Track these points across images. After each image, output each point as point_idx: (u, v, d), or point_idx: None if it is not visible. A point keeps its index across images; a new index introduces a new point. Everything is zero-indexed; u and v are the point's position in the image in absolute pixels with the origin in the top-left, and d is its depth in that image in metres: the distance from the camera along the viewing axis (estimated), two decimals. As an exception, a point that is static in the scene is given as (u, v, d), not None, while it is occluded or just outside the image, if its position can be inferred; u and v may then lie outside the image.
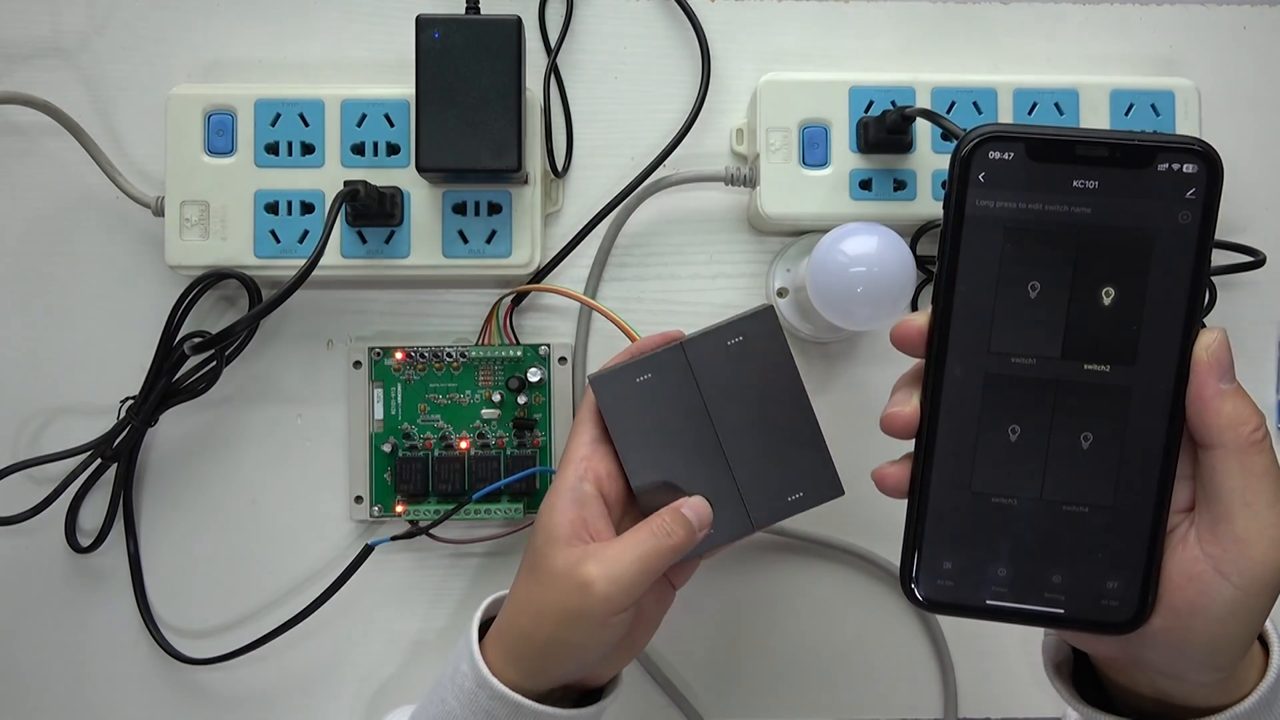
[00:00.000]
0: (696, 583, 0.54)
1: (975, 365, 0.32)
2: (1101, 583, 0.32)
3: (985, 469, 0.32)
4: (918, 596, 0.33)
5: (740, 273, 0.56)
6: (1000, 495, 0.32)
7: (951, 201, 0.32)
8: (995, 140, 0.31)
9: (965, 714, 0.56)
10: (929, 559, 0.33)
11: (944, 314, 0.32)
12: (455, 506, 0.52)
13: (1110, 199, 0.31)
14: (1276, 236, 0.56)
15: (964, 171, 0.31)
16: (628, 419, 0.43)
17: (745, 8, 0.56)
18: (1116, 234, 0.31)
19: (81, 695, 0.55)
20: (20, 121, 0.54)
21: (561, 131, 0.56)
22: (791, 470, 0.44)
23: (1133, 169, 0.31)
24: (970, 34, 0.57)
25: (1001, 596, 0.33)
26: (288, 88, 0.52)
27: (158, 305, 0.53)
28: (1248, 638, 0.31)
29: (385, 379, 0.53)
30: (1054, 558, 0.32)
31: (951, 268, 0.32)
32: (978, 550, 0.32)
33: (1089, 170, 0.31)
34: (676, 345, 0.43)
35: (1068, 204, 0.31)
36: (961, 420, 0.32)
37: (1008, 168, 0.31)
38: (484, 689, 0.40)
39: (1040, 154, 0.31)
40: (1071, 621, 0.32)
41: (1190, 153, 0.31)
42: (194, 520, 0.55)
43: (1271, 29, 0.57)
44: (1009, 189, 0.31)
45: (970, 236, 0.31)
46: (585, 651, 0.40)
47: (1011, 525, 0.32)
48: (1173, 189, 0.31)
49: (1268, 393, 0.56)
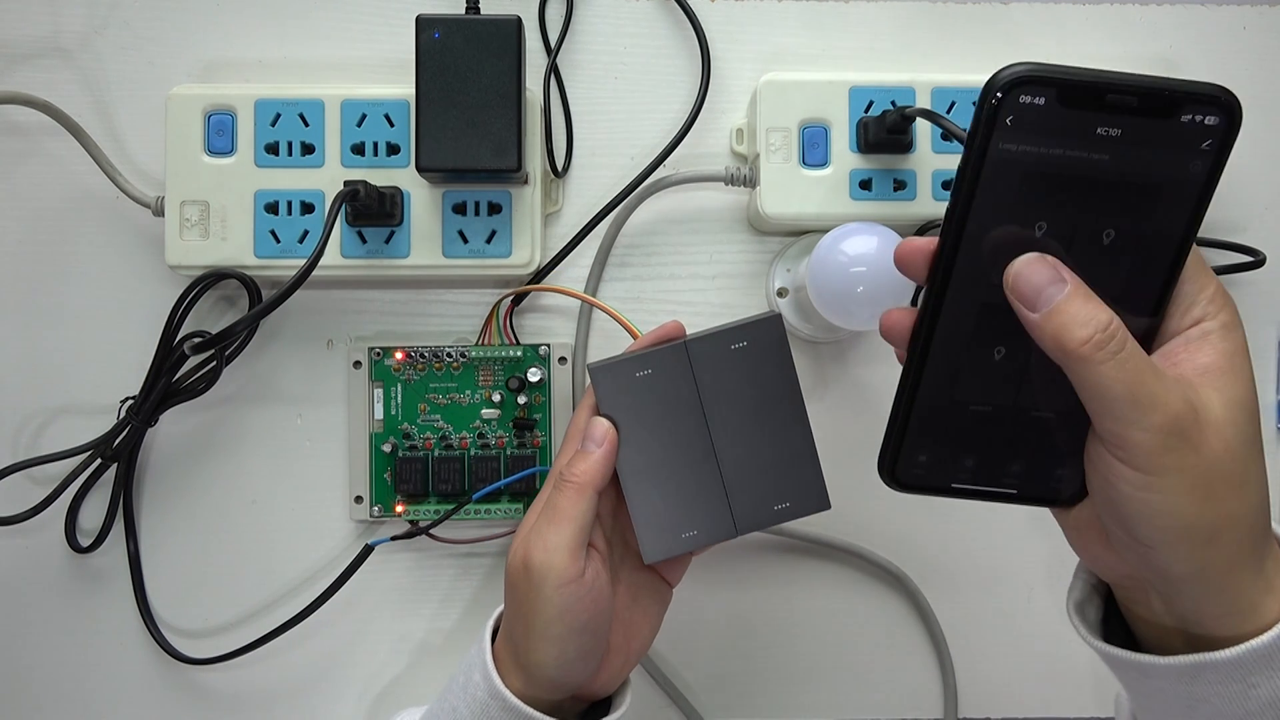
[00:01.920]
0: (696, 583, 0.54)
1: (974, 294, 0.33)
2: (1053, 469, 0.35)
3: (968, 382, 0.34)
4: (893, 479, 0.36)
5: (740, 273, 0.56)
6: (978, 404, 0.35)
7: (975, 140, 0.32)
8: (1028, 83, 0.31)
9: (965, 714, 0.56)
10: (908, 451, 0.35)
11: (952, 246, 0.33)
12: (455, 506, 0.52)
13: (1129, 146, 0.31)
14: (1276, 236, 0.56)
15: (992, 113, 0.31)
16: (623, 411, 0.43)
17: (745, 8, 0.56)
18: (1128, 180, 0.32)
19: (81, 695, 0.55)
20: (20, 121, 0.54)
21: (561, 131, 0.56)
22: (781, 479, 0.44)
23: (1158, 118, 0.31)
24: (970, 34, 0.57)
25: (965, 481, 0.36)
26: (288, 88, 0.52)
27: (158, 305, 0.53)
28: (1179, 510, 0.31)
29: (385, 379, 0.53)
30: (1017, 452, 0.35)
31: (966, 203, 0.32)
32: (952, 446, 0.35)
33: (1114, 118, 0.31)
34: (680, 344, 0.43)
35: (1087, 150, 0.32)
36: (954, 340, 0.34)
37: (1036, 112, 0.31)
38: (496, 700, 0.40)
39: (1071, 100, 0.31)
40: (1021, 498, 0.35)
41: (1216, 103, 0.31)
42: (194, 520, 0.55)
43: (1271, 29, 0.57)
44: (1034, 134, 0.32)
45: (989, 175, 0.32)
46: (558, 640, 0.40)
47: (984, 427, 0.35)
48: (1191, 139, 0.31)
49: (1268, 393, 0.56)
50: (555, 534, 0.40)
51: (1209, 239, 0.55)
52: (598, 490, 0.41)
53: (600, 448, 0.42)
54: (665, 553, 0.43)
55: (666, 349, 0.43)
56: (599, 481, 0.41)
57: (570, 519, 0.40)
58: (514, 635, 0.41)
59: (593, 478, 0.41)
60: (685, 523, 0.43)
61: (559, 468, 0.42)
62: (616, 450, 0.42)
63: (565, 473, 0.41)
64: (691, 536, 0.43)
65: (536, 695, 0.41)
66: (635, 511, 0.43)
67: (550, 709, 0.41)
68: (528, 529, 0.41)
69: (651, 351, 0.43)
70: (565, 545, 0.40)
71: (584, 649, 0.41)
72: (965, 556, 0.56)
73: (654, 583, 0.45)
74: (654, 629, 0.45)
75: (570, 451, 0.42)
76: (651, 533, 0.43)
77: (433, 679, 0.55)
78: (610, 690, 0.44)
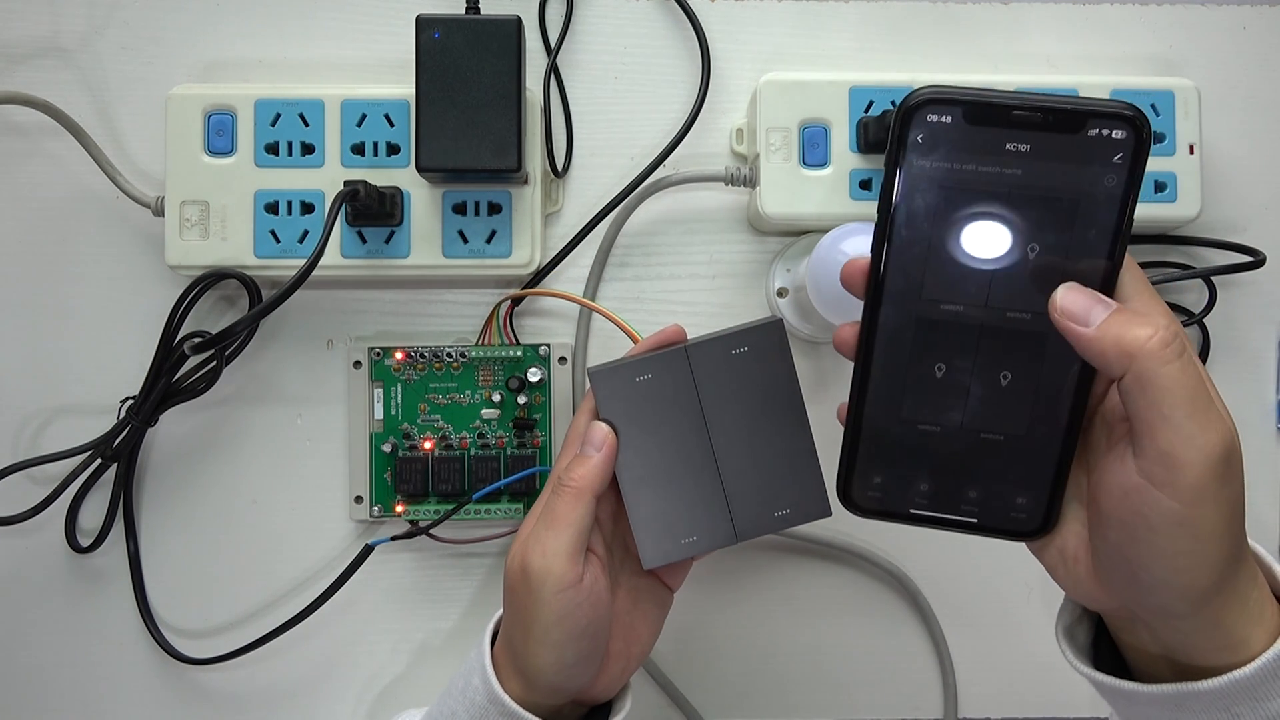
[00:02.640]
0: (697, 583, 0.54)
1: (908, 310, 0.34)
2: (1012, 498, 0.35)
3: (914, 400, 0.35)
4: (852, 503, 0.36)
5: (740, 273, 0.56)
6: (926, 424, 0.35)
7: (891, 159, 0.33)
8: (933, 104, 0.33)
9: (965, 714, 0.56)
10: (861, 474, 0.36)
11: (881, 263, 0.34)
12: (455, 506, 0.52)
13: (1040, 162, 0.33)
14: (1276, 236, 0.56)
15: (902, 132, 0.33)
16: (623, 415, 0.43)
17: (745, 8, 0.56)
18: (1044, 194, 0.33)
19: (81, 695, 0.55)
20: (20, 121, 0.54)
21: (561, 131, 0.56)
22: (782, 485, 0.44)
23: (1064, 133, 0.32)
24: (970, 34, 0.57)
25: (924, 507, 0.36)
26: (288, 88, 0.52)
27: (158, 305, 0.53)
28: (1201, 553, 0.31)
29: (385, 379, 0.53)
30: (971, 476, 0.35)
31: (890, 221, 0.34)
32: (904, 468, 0.36)
33: (1022, 134, 0.32)
34: (680, 348, 0.43)
35: (1000, 166, 0.33)
36: (894, 357, 0.35)
37: (945, 130, 0.33)
38: (495, 704, 0.40)
39: (977, 118, 0.33)
40: (984, 529, 0.36)
41: (1119, 118, 0.32)
42: (194, 520, 0.55)
43: (1271, 29, 0.57)
44: (944, 150, 0.33)
45: (906, 193, 0.33)
46: (557, 645, 0.39)
47: (935, 448, 0.35)
48: (1101, 153, 0.32)
49: (1268, 393, 0.56)
50: (553, 539, 0.40)
51: (1209, 239, 0.55)
52: (596, 495, 0.41)
53: (599, 452, 0.41)
54: (664, 558, 0.43)
55: (667, 353, 0.43)
56: (597, 486, 0.41)
57: (569, 524, 0.40)
58: (513, 640, 0.41)
59: (591, 483, 0.41)
60: (685, 528, 0.43)
61: (558, 472, 0.42)
62: (616, 455, 0.42)
63: (564, 477, 0.41)
64: (691, 542, 0.43)
65: (536, 700, 0.41)
66: (635, 517, 0.43)
67: (550, 714, 0.41)
68: (526, 533, 0.41)
69: (652, 356, 0.43)
70: (564, 550, 0.39)
71: (583, 654, 0.41)
72: (965, 557, 0.56)
73: (654, 587, 0.45)
74: (654, 634, 0.45)
75: (569, 456, 0.42)
76: (651, 538, 0.43)
77: (432, 679, 0.55)
78: (610, 694, 0.44)
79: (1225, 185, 0.56)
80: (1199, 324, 0.55)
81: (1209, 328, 0.55)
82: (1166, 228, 0.55)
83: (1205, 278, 0.54)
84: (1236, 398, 0.55)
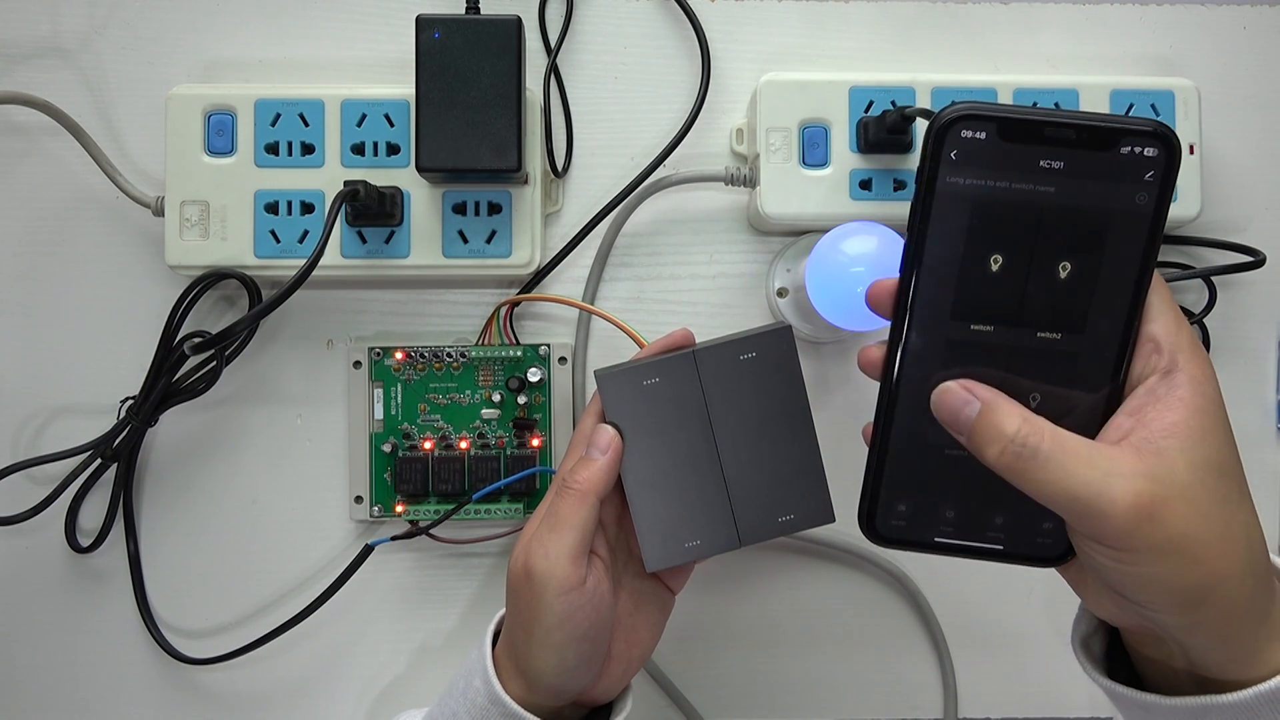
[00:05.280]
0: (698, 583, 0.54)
1: (937, 331, 0.34)
2: (1039, 523, 0.34)
3: (940, 425, 0.34)
4: (875, 533, 0.35)
5: (740, 273, 0.56)
6: (953, 449, 0.34)
7: (924, 176, 0.33)
8: (968, 119, 0.32)
9: (965, 714, 0.56)
10: (886, 501, 0.35)
11: (910, 282, 0.34)
12: (455, 506, 0.52)
13: (1073, 179, 0.32)
14: (1276, 236, 0.56)
15: (937, 149, 0.33)
16: (629, 418, 0.43)
17: (745, 8, 0.56)
18: (1077, 212, 0.33)
19: (81, 695, 0.55)
20: (20, 121, 0.54)
21: (561, 131, 0.56)
22: (786, 491, 0.44)
23: (1097, 150, 0.32)
24: (970, 34, 0.57)
25: (948, 535, 0.35)
26: (288, 88, 0.52)
27: (158, 305, 0.53)
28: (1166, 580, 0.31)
29: (385, 379, 0.53)
30: (998, 503, 0.34)
31: (920, 239, 0.33)
32: (930, 496, 0.35)
33: (1055, 150, 0.32)
34: (688, 353, 0.43)
35: (1033, 183, 0.33)
36: (922, 380, 0.34)
37: (979, 146, 0.33)
38: (496, 705, 0.40)
39: (1011, 134, 0.32)
40: (1009, 556, 0.35)
41: (1153, 136, 0.32)
42: (194, 520, 0.55)
43: (1271, 29, 0.57)
44: (979, 167, 0.33)
45: (939, 210, 0.33)
46: (558, 647, 0.40)
47: (961, 475, 0.34)
48: (1133, 171, 0.32)
49: (1268, 393, 0.56)
50: (557, 541, 0.40)
51: (1209, 239, 0.55)
52: (600, 498, 0.41)
53: (604, 455, 0.41)
54: (668, 562, 0.43)
55: (675, 357, 0.43)
56: (602, 489, 0.41)
57: (572, 526, 0.40)
58: (515, 641, 0.41)
59: (595, 485, 0.41)
60: (689, 532, 0.43)
61: (563, 474, 0.42)
62: (620, 458, 0.42)
63: (568, 479, 0.41)
64: (694, 546, 0.43)
65: (537, 701, 0.41)
66: (639, 520, 0.43)
67: (551, 715, 0.41)
68: (530, 535, 0.41)
69: (659, 360, 0.43)
70: (567, 552, 0.39)
71: (585, 656, 0.41)
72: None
73: (656, 590, 0.45)
74: (656, 636, 0.45)
75: (575, 457, 0.42)
76: (654, 541, 0.43)
77: (433, 679, 0.55)
78: (611, 696, 0.44)
79: (1225, 185, 0.56)
80: (1199, 324, 0.55)
81: (1209, 328, 0.55)
82: (1167, 228, 0.55)
83: (1205, 278, 0.54)
84: (1236, 398, 0.55)
